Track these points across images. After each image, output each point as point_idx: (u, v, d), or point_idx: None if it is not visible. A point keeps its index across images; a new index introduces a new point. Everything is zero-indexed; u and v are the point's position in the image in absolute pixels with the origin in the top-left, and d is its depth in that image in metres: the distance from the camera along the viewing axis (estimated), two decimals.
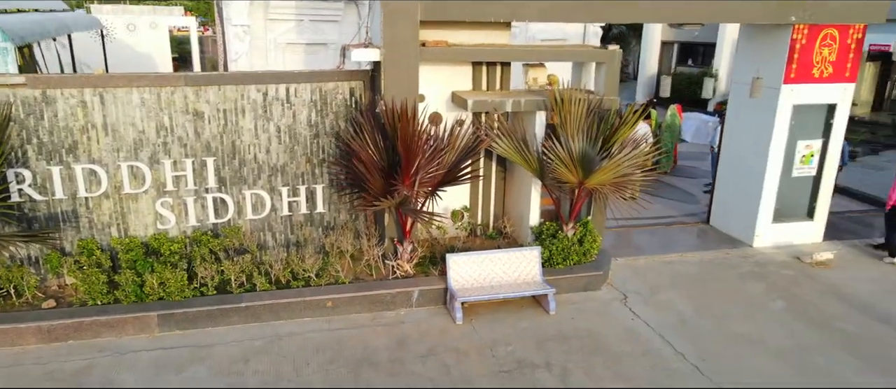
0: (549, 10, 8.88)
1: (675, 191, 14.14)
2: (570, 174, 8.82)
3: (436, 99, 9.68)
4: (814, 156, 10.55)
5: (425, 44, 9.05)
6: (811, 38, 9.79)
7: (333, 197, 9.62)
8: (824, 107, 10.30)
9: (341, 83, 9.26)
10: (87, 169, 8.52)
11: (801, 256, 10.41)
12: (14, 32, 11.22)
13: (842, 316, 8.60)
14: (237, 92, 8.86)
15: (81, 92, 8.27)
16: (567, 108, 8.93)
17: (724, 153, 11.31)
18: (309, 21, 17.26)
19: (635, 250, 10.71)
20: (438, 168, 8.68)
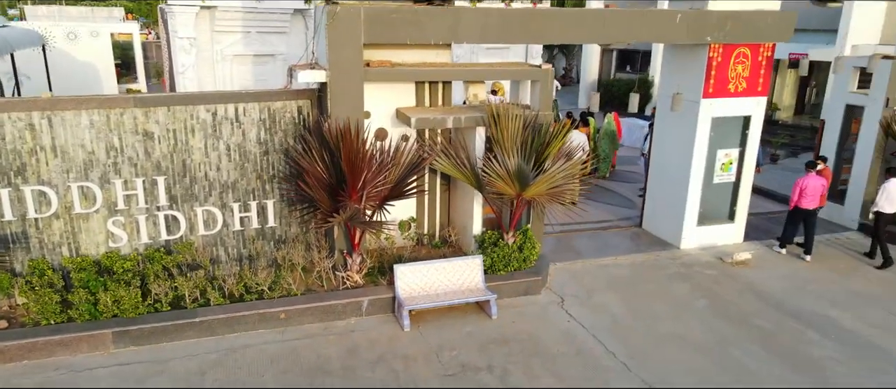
0: (487, 33, 9.44)
1: (613, 195, 14.95)
2: (507, 187, 9.40)
3: (381, 115, 10.13)
4: (732, 164, 11.43)
5: (369, 64, 9.49)
6: (726, 56, 10.65)
7: (284, 211, 9.96)
8: (740, 118, 11.18)
9: (289, 102, 9.61)
10: (37, 190, 8.64)
11: (724, 256, 11.28)
12: None
13: (757, 313, 9.43)
14: (186, 112, 9.12)
15: (29, 115, 8.39)
16: (504, 124, 9.51)
17: (653, 161, 12.11)
18: (256, 33, 17.44)
19: (574, 254, 11.38)
20: (385, 183, 9.13)
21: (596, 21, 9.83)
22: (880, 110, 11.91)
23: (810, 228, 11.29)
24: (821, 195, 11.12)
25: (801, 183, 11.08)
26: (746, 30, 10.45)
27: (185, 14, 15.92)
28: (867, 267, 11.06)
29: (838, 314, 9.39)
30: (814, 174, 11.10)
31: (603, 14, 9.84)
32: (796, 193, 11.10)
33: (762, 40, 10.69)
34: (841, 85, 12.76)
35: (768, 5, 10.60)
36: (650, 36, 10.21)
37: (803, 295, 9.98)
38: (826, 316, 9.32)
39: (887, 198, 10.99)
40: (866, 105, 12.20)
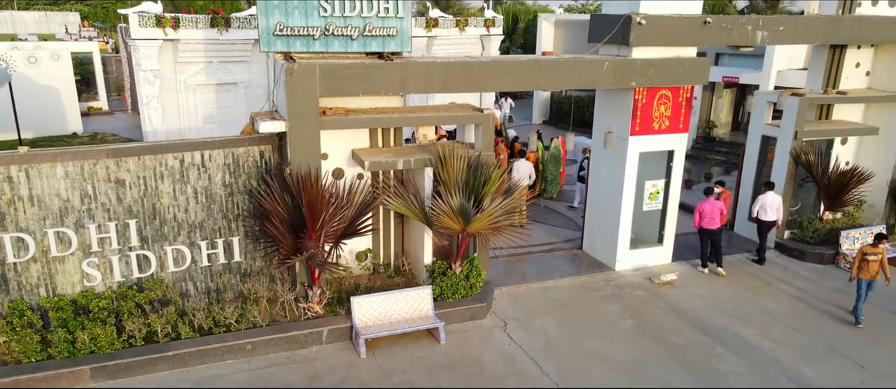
0: (432, 84, 10.43)
1: (559, 217, 16.08)
2: (453, 223, 10.39)
3: (338, 155, 11.02)
4: (659, 194, 12.63)
5: (326, 112, 10.39)
6: (650, 98, 11.82)
7: (249, 246, 10.78)
8: (665, 152, 12.38)
9: (251, 147, 10.45)
10: (15, 237, 9.32)
11: (653, 277, 12.46)
12: None
13: (676, 331, 10.60)
14: (155, 160, 9.89)
15: (7, 168, 9.07)
16: (449, 165, 10.51)
17: (591, 189, 13.25)
18: (218, 62, 18.15)
19: (518, 278, 12.42)
20: (340, 222, 10.03)
21: (530, 71, 10.90)
22: (790, 142, 13.24)
23: (716, 245, 12.72)
24: (720, 216, 12.52)
25: (699, 207, 12.58)
26: (667, 75, 11.64)
27: (149, 47, 16.53)
28: (776, 286, 12.35)
29: (747, 331, 10.62)
30: (712, 198, 12.50)
31: (537, 64, 10.90)
32: (697, 216, 12.54)
33: (681, 83, 11.89)
34: (757, 118, 14.09)
35: (685, 52, 11.80)
36: (582, 82, 11.32)
37: (718, 313, 11.21)
38: (735, 333, 10.54)
39: (762, 208, 12.89)
40: (779, 136, 13.54)
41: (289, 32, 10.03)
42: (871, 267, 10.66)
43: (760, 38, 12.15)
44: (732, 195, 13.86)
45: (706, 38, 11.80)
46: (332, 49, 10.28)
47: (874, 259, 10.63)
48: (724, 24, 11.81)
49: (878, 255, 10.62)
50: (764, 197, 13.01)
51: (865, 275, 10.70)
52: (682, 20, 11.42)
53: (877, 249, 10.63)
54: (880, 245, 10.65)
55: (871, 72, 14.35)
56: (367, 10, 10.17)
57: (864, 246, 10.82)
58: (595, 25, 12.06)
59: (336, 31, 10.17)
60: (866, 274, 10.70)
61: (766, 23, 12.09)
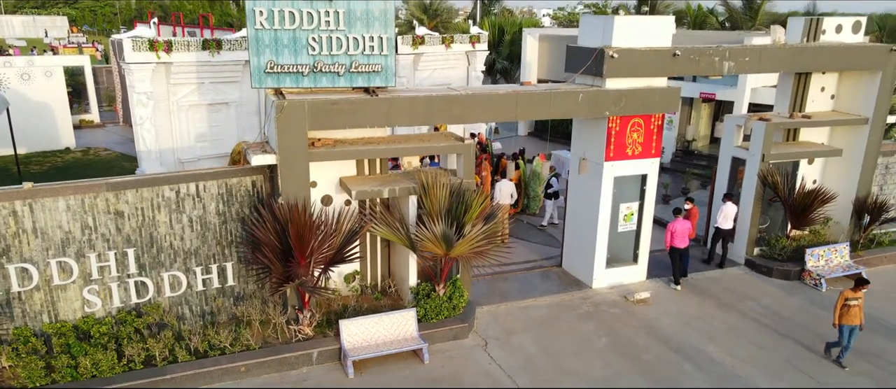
0: (414, 117, 11.02)
1: (539, 233, 16.70)
2: (436, 248, 10.98)
3: (326, 183, 11.58)
4: (633, 215, 13.27)
5: (314, 143, 10.96)
6: (623, 126, 12.46)
7: (242, 270, 11.33)
8: (638, 177, 13.02)
9: (244, 178, 11.00)
10: (20, 267, 9.82)
11: (628, 294, 13.10)
12: None
13: (647, 348, 11.24)
14: (153, 192, 10.42)
15: (12, 203, 9.58)
16: (432, 193, 11.10)
17: (569, 210, 13.87)
18: (209, 83, 18.61)
19: (499, 297, 13.01)
20: (329, 249, 10.60)
21: (508, 103, 11.50)
22: (758, 164, 13.92)
23: (684, 262, 13.57)
24: (688, 235, 13.35)
25: (670, 227, 13.27)
26: (639, 104, 12.27)
27: (143, 70, 16.97)
28: (743, 303, 13.01)
29: (713, 348, 11.28)
30: (681, 218, 13.28)
31: (515, 97, 11.50)
32: (668, 236, 13.22)
33: (652, 112, 12.53)
34: (727, 140, 14.77)
35: (656, 82, 12.44)
36: (558, 113, 11.93)
37: (688, 331, 11.86)
38: (703, 350, 11.20)
39: (723, 217, 14.10)
40: (747, 159, 14.22)
41: (279, 70, 10.60)
42: (853, 311, 10.42)
43: (727, 68, 12.82)
44: (699, 211, 14.54)
45: (675, 69, 12.44)
46: (320, 84, 10.85)
47: (856, 304, 10.39)
48: (693, 56, 12.46)
49: (859, 300, 10.40)
50: (725, 207, 14.10)
51: (848, 321, 10.46)
52: (652, 53, 12.06)
53: (858, 294, 10.37)
54: (861, 290, 10.39)
55: (835, 95, 15.06)
56: (353, 49, 10.75)
57: (846, 291, 10.54)
58: (571, 56, 12.68)
59: (324, 68, 10.74)
60: (849, 319, 10.45)
61: (732, 54, 12.76)
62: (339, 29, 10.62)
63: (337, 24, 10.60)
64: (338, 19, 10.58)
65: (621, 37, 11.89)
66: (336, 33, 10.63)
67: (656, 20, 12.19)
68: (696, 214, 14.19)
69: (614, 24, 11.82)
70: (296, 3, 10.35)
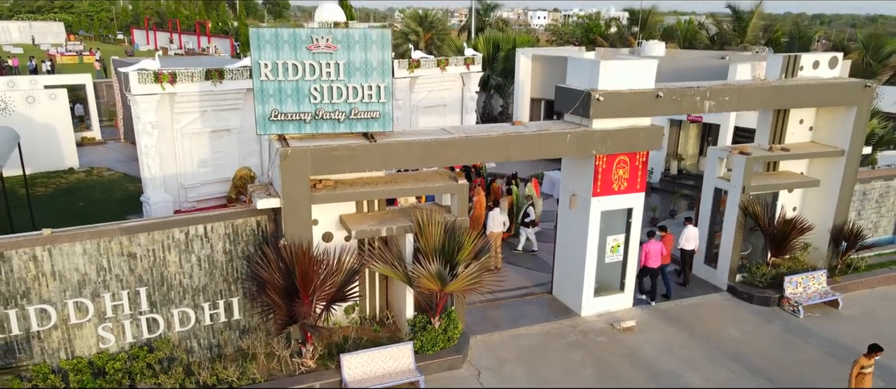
0: (411, 159, 11.65)
1: (532, 258, 17.34)
2: (432, 284, 11.60)
3: (327, 221, 12.18)
4: (620, 247, 13.92)
5: (316, 185, 11.57)
6: (609, 163, 13.11)
7: (247, 305, 11.94)
8: (624, 210, 13.66)
9: (249, 218, 11.62)
10: (39, 308, 10.42)
11: (614, 322, 13.75)
12: None
13: (630, 377, 11.89)
14: (163, 234, 11.04)
15: (32, 249, 10.18)
16: (428, 231, 11.73)
17: (559, 241, 14.51)
18: (212, 111, 19.22)
19: (492, 325, 13.63)
20: (331, 287, 11.22)
21: (500, 145, 12.14)
22: (739, 195, 14.59)
23: (656, 281, 14.60)
24: (661, 255, 14.35)
25: (645, 247, 14.29)
26: (624, 143, 12.92)
27: (148, 101, 17.56)
28: (724, 329, 13.68)
29: (693, 376, 11.94)
30: (654, 240, 14.25)
31: (507, 139, 12.14)
32: (643, 256, 14.21)
33: (637, 149, 13.18)
34: (710, 171, 15.44)
35: (641, 122, 13.09)
36: (547, 153, 12.58)
37: (669, 358, 12.51)
38: (683, 378, 11.86)
39: (686, 239, 15.34)
40: (729, 190, 14.89)
41: (282, 118, 11.22)
42: (867, 379, 10.20)
43: (708, 107, 13.49)
44: (673, 237, 15.28)
45: (659, 110, 13.10)
46: (321, 130, 11.46)
47: (870, 371, 10.19)
48: (675, 97, 13.11)
49: (873, 367, 10.23)
50: (687, 230, 15.36)
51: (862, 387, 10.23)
52: (636, 94, 12.70)
53: (871, 361, 10.18)
54: (875, 356, 10.17)
55: (813, 127, 15.74)
56: (352, 97, 11.37)
57: (861, 358, 10.23)
58: (560, 96, 13.33)
59: (325, 115, 11.36)
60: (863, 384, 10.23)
61: (712, 93, 13.42)
62: (339, 79, 11.24)
63: (337, 74, 11.22)
64: (338, 70, 11.20)
65: (607, 80, 12.53)
66: (337, 83, 11.25)
67: (640, 64, 12.83)
68: (670, 240, 14.92)
69: (600, 68, 12.46)
70: (299, 55, 10.98)
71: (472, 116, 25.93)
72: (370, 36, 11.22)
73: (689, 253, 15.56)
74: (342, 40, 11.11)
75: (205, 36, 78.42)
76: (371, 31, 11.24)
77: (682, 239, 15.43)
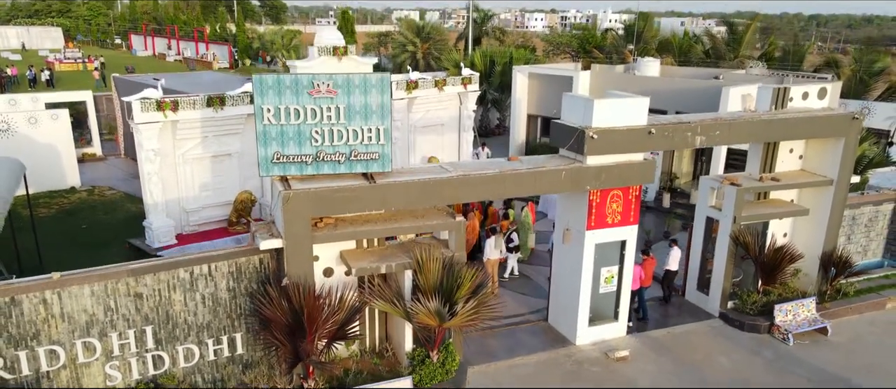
0: (410, 199, 11.97)
1: (528, 283, 17.67)
2: (430, 320, 11.92)
3: (328, 257, 12.48)
4: (614, 278, 14.25)
5: (317, 223, 11.88)
6: (603, 198, 13.43)
7: (250, 340, 12.25)
8: (618, 242, 14.00)
9: (252, 257, 11.93)
10: (49, 349, 10.72)
11: (609, 351, 14.08)
12: None
13: None
14: (169, 274, 11.35)
15: (43, 292, 10.49)
16: (427, 267, 12.05)
17: (554, 271, 14.84)
18: (213, 136, 19.49)
19: (489, 356, 13.92)
20: (332, 325, 11.54)
21: (497, 183, 12.47)
22: (730, 225, 14.93)
23: (640, 301, 15.20)
24: (640, 279, 14.88)
25: None
26: (617, 178, 13.25)
27: (151, 129, 17.85)
28: (715, 358, 14.01)
29: None
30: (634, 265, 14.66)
31: (503, 177, 12.46)
32: None
33: (630, 184, 13.51)
34: (702, 200, 15.78)
35: (634, 157, 13.41)
36: (542, 189, 12.93)
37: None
38: None
39: (671, 259, 16.03)
40: (721, 219, 15.23)
41: (285, 160, 11.53)
42: None
43: (699, 142, 13.83)
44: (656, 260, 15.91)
45: (651, 145, 13.43)
46: (322, 171, 11.77)
47: None
48: (667, 133, 13.45)
49: None
50: (672, 252, 16.06)
51: None
52: (629, 131, 13.03)
53: None
54: None
55: (803, 156, 16.08)
56: (352, 139, 11.68)
57: None
58: (556, 132, 13.66)
59: (326, 157, 11.67)
60: None
61: (703, 128, 13.75)
62: (339, 122, 11.55)
63: (338, 117, 11.53)
64: (339, 113, 11.52)
65: (600, 117, 12.86)
66: (337, 126, 11.56)
67: (632, 102, 13.15)
68: (652, 263, 15.57)
69: (594, 106, 12.78)
70: (301, 100, 11.29)
71: (469, 134, 26.28)
72: (370, 81, 11.54)
73: (674, 273, 16.34)
74: (343, 85, 11.42)
75: (203, 42, 78.69)
76: (371, 76, 11.55)
77: (668, 260, 16.13)
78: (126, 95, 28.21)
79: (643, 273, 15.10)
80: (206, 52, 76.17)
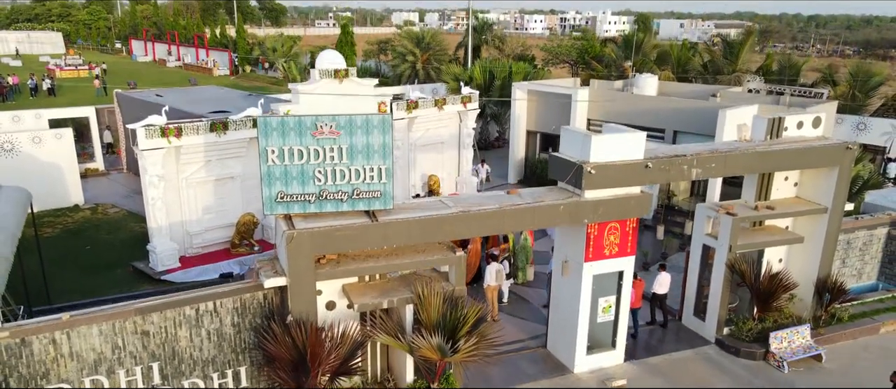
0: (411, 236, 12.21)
1: (527, 307, 17.90)
2: (432, 354, 12.17)
3: (331, 291, 12.70)
4: (611, 307, 14.50)
5: (320, 260, 12.12)
6: (600, 231, 13.68)
7: (254, 372, 12.49)
8: (615, 273, 14.24)
9: (257, 293, 12.17)
10: (57, 388, 10.96)
11: (607, 379, 14.32)
12: None
13: None
14: (175, 312, 11.59)
15: (52, 333, 10.72)
16: (428, 302, 12.29)
17: (553, 300, 15.09)
18: (216, 160, 19.73)
19: (489, 384, 14.17)
20: (335, 360, 11.78)
21: (496, 219, 12.70)
22: (726, 254, 15.18)
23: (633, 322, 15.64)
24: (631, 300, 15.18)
25: None
26: (615, 211, 13.49)
27: (155, 155, 18.08)
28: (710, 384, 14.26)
29: None
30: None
31: (502, 213, 12.70)
32: None
33: (627, 217, 13.76)
34: (699, 228, 16.03)
35: (631, 190, 13.66)
36: (541, 223, 13.18)
37: None
38: None
39: (659, 284, 16.48)
40: (717, 247, 15.48)
41: (288, 199, 11.77)
42: None
43: (695, 175, 14.08)
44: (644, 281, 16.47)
45: (648, 179, 13.68)
46: (325, 209, 12.01)
47: None
48: (663, 166, 13.69)
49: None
50: (660, 276, 16.50)
51: None
52: (626, 166, 13.27)
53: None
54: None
55: (798, 183, 16.33)
56: (355, 178, 11.92)
57: None
58: (554, 164, 13.91)
59: (329, 196, 11.91)
60: None
61: (699, 161, 14.00)
62: (342, 162, 11.79)
63: (341, 157, 11.77)
64: (342, 153, 11.75)
65: (598, 152, 13.11)
66: (340, 166, 11.79)
67: (630, 136, 13.39)
68: (640, 285, 16.10)
69: (592, 141, 13.03)
70: (304, 141, 11.53)
71: (469, 152, 26.54)
72: (372, 121, 11.77)
73: (663, 297, 16.74)
74: (345, 126, 11.66)
75: (203, 48, 78.90)
76: (373, 117, 11.79)
77: (655, 284, 16.57)
78: (128, 111, 28.82)
79: (633, 294, 15.28)
80: (207, 59, 76.39)
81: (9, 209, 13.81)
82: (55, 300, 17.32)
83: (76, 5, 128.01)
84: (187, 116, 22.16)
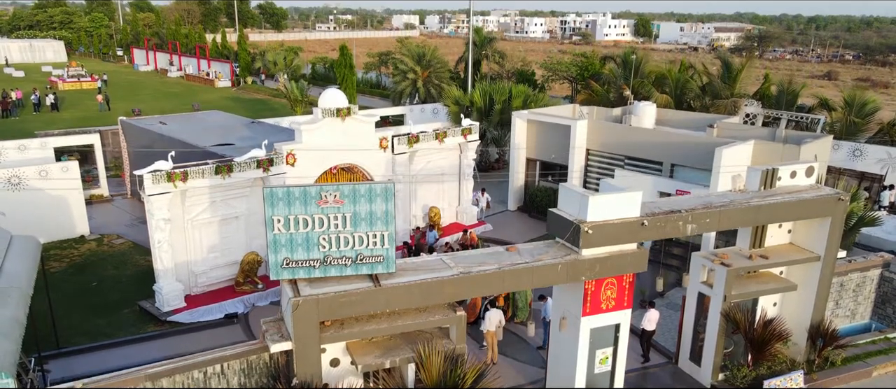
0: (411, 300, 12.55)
1: (524, 348, 18.24)
2: None
3: (334, 349, 13.06)
4: (608, 359, 14.84)
5: (324, 322, 12.47)
6: (598, 286, 14.02)
7: None
8: (613, 326, 14.58)
9: (263, 353, 12.52)
10: None
11: None
12: None
13: None
14: (184, 376, 11.95)
15: None
16: (429, 362, 12.64)
17: (551, 351, 15.42)
18: (221, 200, 20.08)
19: None
20: None
21: (496, 280, 13.04)
22: (721, 303, 15.52)
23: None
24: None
25: None
26: (612, 267, 13.82)
27: (161, 199, 18.42)
28: None
29: None
30: None
31: (502, 274, 13.03)
32: None
33: (624, 272, 14.09)
34: (694, 276, 16.38)
35: (627, 247, 14.00)
36: (539, 283, 13.50)
37: None
38: None
39: (647, 321, 17.30)
40: (712, 296, 15.83)
41: (293, 265, 12.12)
42: None
43: (690, 230, 14.40)
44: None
45: (644, 236, 14.01)
46: (329, 274, 12.36)
47: None
48: (659, 223, 14.03)
49: None
50: (648, 313, 17.38)
51: None
52: (623, 224, 13.61)
53: None
54: None
55: (792, 230, 16.67)
56: (358, 244, 12.26)
57: None
58: (552, 221, 14.24)
59: (333, 261, 12.25)
60: None
61: (694, 217, 14.33)
62: (346, 229, 12.14)
63: (344, 224, 12.11)
64: (345, 221, 12.10)
65: (595, 212, 13.44)
66: (344, 233, 12.14)
67: (626, 196, 13.72)
68: None
69: (589, 201, 13.36)
70: (309, 209, 11.88)
71: (469, 183, 26.87)
72: (375, 190, 12.12)
73: (650, 333, 17.54)
74: (349, 194, 12.01)
75: (205, 59, 79.28)
76: (375, 186, 12.14)
77: (643, 321, 17.31)
78: (133, 138, 29.20)
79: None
80: (209, 70, 76.76)
81: (20, 266, 14.14)
82: (64, 343, 17.72)
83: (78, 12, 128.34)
84: (190, 148, 22.59)
